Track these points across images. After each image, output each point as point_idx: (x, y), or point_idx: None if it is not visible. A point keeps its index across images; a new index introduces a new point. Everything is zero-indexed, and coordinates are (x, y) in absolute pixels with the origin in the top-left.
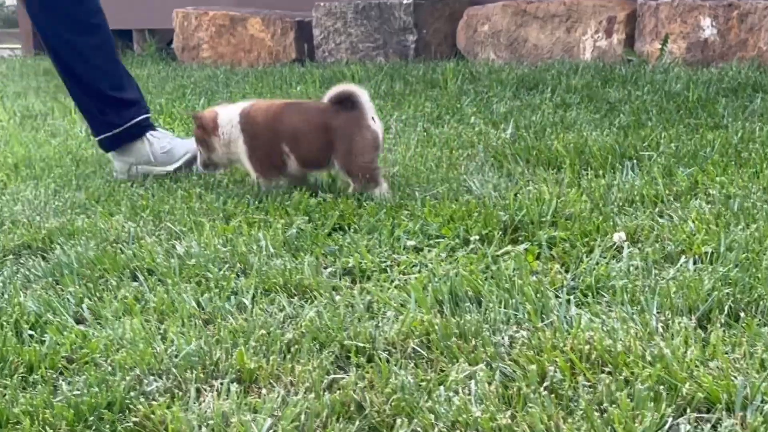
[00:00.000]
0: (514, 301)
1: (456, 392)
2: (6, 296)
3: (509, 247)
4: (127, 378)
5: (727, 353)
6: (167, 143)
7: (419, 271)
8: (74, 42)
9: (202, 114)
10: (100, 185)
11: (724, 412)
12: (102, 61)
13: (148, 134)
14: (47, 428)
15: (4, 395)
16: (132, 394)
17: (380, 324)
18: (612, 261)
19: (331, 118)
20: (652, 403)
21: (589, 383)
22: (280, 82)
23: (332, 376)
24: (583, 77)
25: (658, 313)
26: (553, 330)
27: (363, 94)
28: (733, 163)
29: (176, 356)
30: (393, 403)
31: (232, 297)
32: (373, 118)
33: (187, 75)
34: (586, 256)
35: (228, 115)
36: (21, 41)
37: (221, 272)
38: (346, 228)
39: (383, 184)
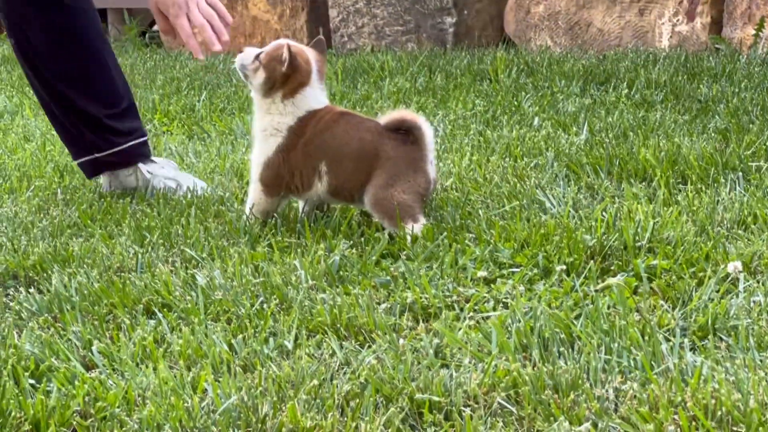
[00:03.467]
0: (616, 345)
1: None
2: None
3: (607, 280)
4: None
5: None
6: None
7: (494, 308)
8: (51, 26)
9: None
10: (93, 200)
11: None
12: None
13: (141, 165)
14: None
15: None
16: None
17: (456, 373)
18: (727, 296)
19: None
20: None
21: None
22: None
23: None
24: (664, 70)
25: None
26: (668, 381)
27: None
28: None
29: (213, 411)
30: None
31: (271, 339)
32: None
33: (179, 65)
34: (695, 290)
35: None
36: None
37: (254, 309)
38: (398, 255)
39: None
